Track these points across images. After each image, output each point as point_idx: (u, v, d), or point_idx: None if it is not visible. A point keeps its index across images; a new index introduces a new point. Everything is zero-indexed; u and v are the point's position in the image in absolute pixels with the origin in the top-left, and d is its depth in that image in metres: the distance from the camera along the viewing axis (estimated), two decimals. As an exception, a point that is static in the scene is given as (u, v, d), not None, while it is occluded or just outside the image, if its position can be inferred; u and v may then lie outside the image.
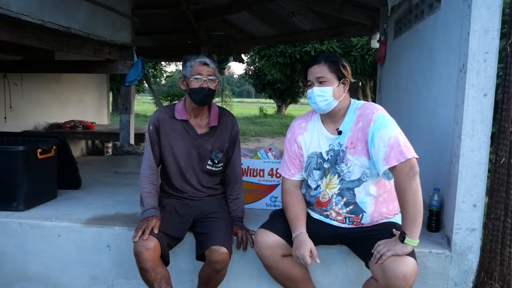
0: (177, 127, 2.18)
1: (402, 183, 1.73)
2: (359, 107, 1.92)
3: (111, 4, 4.39)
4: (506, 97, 1.95)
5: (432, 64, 2.56)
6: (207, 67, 2.10)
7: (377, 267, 1.73)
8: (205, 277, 2.07)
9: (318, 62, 1.90)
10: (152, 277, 1.96)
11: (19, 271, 2.40)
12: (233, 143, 2.26)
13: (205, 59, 2.11)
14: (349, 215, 1.93)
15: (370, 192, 1.90)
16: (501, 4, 1.92)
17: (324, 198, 1.96)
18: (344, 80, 1.90)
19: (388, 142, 1.76)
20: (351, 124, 1.90)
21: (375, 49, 4.85)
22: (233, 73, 51.80)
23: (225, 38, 7.77)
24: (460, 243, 2.07)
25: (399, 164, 1.73)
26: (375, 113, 1.84)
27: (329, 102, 1.88)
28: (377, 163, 1.81)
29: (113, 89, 12.89)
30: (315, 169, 1.98)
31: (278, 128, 14.12)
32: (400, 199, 1.76)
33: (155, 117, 2.19)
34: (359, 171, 1.88)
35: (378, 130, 1.79)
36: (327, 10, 5.28)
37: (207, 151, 2.19)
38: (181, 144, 2.18)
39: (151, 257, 1.92)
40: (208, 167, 2.21)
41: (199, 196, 2.23)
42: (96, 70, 4.99)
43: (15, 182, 2.51)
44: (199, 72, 2.09)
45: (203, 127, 2.21)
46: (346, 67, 1.90)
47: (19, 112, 5.08)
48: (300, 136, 2.03)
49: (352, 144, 1.88)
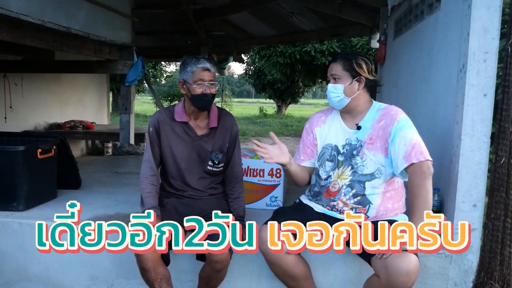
0: (177, 129, 2.18)
1: (417, 180, 1.81)
2: (382, 107, 2.01)
3: (111, 4, 4.38)
4: (506, 97, 1.95)
5: (432, 64, 2.56)
6: (208, 72, 2.08)
7: (380, 263, 1.73)
8: (205, 277, 2.07)
9: (335, 59, 2.01)
10: (152, 277, 1.95)
11: (19, 271, 2.40)
12: (233, 143, 2.26)
13: (206, 64, 2.08)
14: (356, 206, 1.97)
15: (379, 187, 1.96)
16: (501, 4, 1.92)
17: (334, 188, 2.01)
18: (359, 78, 1.96)
19: (410, 142, 1.85)
20: (372, 121, 1.98)
21: (375, 49, 4.84)
22: (233, 73, 51.82)
23: (225, 38, 7.77)
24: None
25: (418, 162, 1.82)
26: (400, 115, 1.94)
27: (340, 99, 1.98)
28: (395, 160, 1.88)
29: (113, 89, 12.88)
30: (328, 160, 2.05)
31: (278, 128, 14.11)
32: (412, 194, 1.82)
33: (155, 119, 2.19)
34: (373, 167, 1.94)
35: (401, 131, 1.88)
36: (327, 10, 5.28)
37: (207, 152, 2.19)
38: (181, 146, 2.18)
39: (152, 257, 1.91)
40: (209, 168, 2.21)
41: (200, 195, 2.23)
42: (96, 70, 4.99)
43: (15, 182, 2.51)
44: (201, 78, 2.07)
45: (203, 128, 2.21)
46: (361, 65, 1.96)
47: (19, 112, 5.07)
48: (317, 128, 2.12)
49: (371, 140, 1.96)
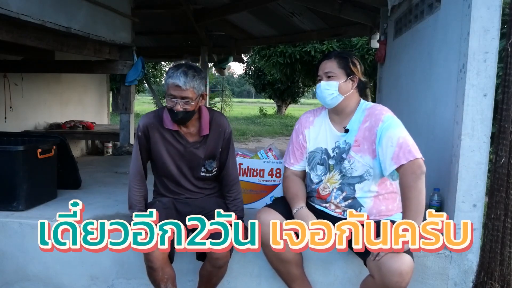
0: (168, 136, 2.10)
1: (408, 181, 1.76)
2: (368, 107, 1.96)
3: (111, 4, 4.38)
4: (506, 97, 1.95)
5: (432, 64, 2.56)
6: (179, 90, 1.91)
7: (374, 264, 1.73)
8: (206, 275, 2.07)
9: (329, 57, 1.97)
10: (159, 276, 1.94)
11: (19, 271, 2.40)
12: (227, 146, 2.19)
13: (179, 79, 1.90)
14: (347, 209, 1.95)
15: (370, 190, 1.93)
16: (501, 4, 1.93)
17: (325, 191, 2.00)
18: (353, 77, 1.94)
19: (397, 142, 1.80)
20: (359, 123, 1.94)
21: (375, 49, 4.85)
22: (233, 73, 51.79)
23: (225, 38, 7.77)
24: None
25: (408, 162, 1.77)
26: (384, 114, 1.88)
27: (334, 97, 1.93)
28: (384, 162, 1.84)
29: (113, 89, 12.87)
30: (319, 164, 2.02)
31: (278, 128, 14.11)
32: (404, 196, 1.78)
33: (144, 125, 2.09)
34: (362, 169, 1.91)
35: (387, 131, 1.83)
36: (327, 10, 5.28)
37: (200, 159, 2.14)
38: (172, 153, 2.12)
39: (161, 256, 1.90)
40: (202, 174, 2.18)
41: (196, 196, 2.22)
42: (96, 70, 4.98)
43: (15, 182, 2.51)
44: (171, 94, 1.94)
45: (194, 135, 2.13)
46: (356, 65, 1.95)
47: (19, 112, 5.07)
48: (306, 130, 2.08)
49: (357, 142, 1.92)
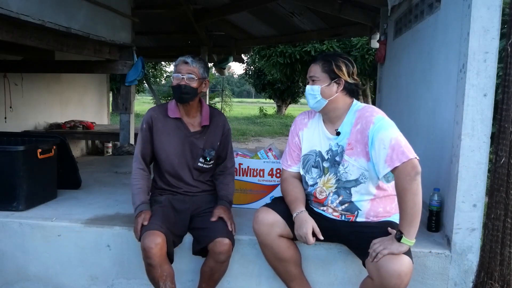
0: (170, 125, 2.22)
1: (402, 183, 1.72)
2: (359, 109, 1.92)
3: (111, 4, 4.38)
4: (506, 97, 1.95)
5: (432, 64, 2.56)
6: (186, 66, 2.12)
7: (373, 265, 1.73)
8: (208, 271, 2.08)
9: (315, 60, 1.96)
10: (158, 274, 1.96)
11: (19, 271, 2.40)
12: (225, 141, 2.31)
13: (188, 58, 2.13)
14: (344, 212, 1.95)
15: (367, 193, 1.91)
16: (501, 4, 1.92)
17: (321, 195, 1.99)
18: (338, 80, 1.90)
19: (389, 144, 1.75)
20: (350, 125, 1.91)
21: (375, 49, 4.84)
22: (233, 73, 51.84)
23: (225, 38, 7.77)
24: (460, 243, 2.07)
25: (402, 164, 1.72)
26: (375, 116, 1.84)
27: (318, 101, 1.91)
28: (377, 165, 1.80)
29: (113, 89, 12.83)
30: (313, 167, 2.01)
31: (278, 128, 14.12)
32: (400, 198, 1.75)
33: (149, 116, 2.23)
34: (357, 172, 1.88)
35: (378, 133, 1.79)
36: (327, 10, 5.27)
37: (199, 149, 2.23)
38: (174, 142, 2.21)
39: (159, 253, 1.92)
40: (199, 164, 2.24)
41: (194, 191, 2.26)
42: (96, 70, 4.98)
43: (15, 182, 2.51)
44: (178, 70, 2.13)
45: (196, 126, 2.25)
46: (340, 68, 1.89)
47: (19, 112, 5.07)
48: (301, 132, 2.08)
49: (350, 145, 1.89)
